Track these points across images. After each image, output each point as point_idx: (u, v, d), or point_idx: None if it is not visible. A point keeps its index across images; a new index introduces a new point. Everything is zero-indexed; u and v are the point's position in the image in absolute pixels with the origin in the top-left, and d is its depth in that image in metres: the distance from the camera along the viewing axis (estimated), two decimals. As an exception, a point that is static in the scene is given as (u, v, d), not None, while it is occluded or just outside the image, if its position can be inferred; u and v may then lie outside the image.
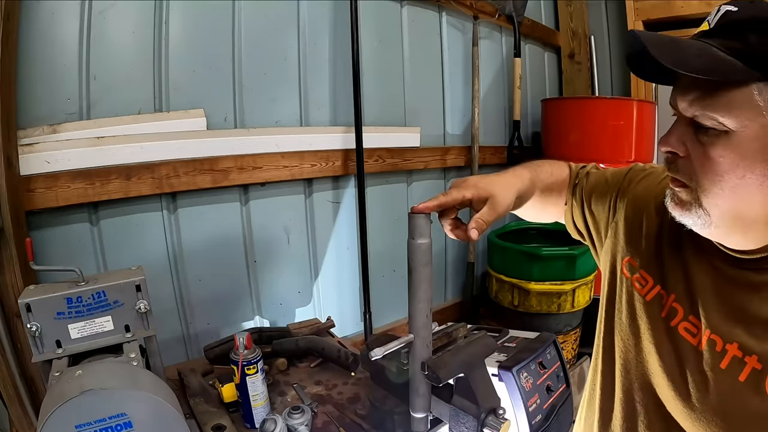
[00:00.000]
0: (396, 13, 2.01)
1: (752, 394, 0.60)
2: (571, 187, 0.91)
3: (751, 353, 0.60)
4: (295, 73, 1.69)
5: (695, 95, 0.58)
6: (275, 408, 1.15)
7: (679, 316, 0.69)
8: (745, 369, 0.61)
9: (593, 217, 0.88)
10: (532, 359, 1.47)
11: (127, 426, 0.72)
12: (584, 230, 0.91)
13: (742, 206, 0.58)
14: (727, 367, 0.63)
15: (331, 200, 1.87)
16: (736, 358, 0.62)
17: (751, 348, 0.60)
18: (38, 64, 1.20)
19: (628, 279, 0.77)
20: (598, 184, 0.87)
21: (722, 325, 0.64)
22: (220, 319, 1.61)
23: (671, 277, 0.71)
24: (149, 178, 1.36)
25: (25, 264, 1.09)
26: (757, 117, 0.54)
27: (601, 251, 0.87)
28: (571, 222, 0.93)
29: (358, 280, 1.97)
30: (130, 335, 0.96)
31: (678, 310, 0.69)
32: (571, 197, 0.91)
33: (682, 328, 0.68)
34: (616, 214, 0.82)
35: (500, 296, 2.22)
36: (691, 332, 0.67)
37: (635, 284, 0.76)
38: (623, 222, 0.81)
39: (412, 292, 0.66)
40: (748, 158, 0.55)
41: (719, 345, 0.63)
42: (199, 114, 1.47)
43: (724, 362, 0.63)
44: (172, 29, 1.40)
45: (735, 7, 0.56)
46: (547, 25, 2.86)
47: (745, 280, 0.62)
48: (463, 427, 0.67)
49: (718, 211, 0.59)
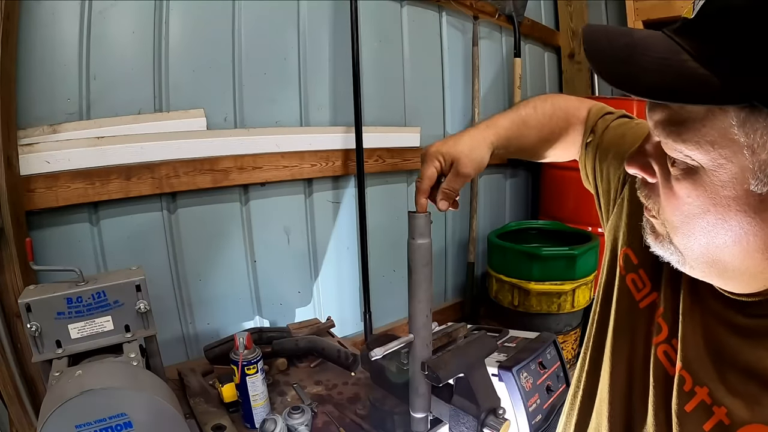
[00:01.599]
0: (396, 13, 2.01)
1: None
2: (584, 143, 0.75)
3: (720, 404, 0.50)
4: (295, 73, 1.69)
5: (660, 116, 0.45)
6: (275, 408, 1.15)
7: (662, 335, 0.58)
8: (712, 419, 0.51)
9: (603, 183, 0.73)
10: (532, 359, 1.47)
11: (127, 426, 0.72)
12: (594, 192, 0.78)
13: (717, 253, 0.46)
14: (692, 411, 0.53)
15: (331, 200, 1.87)
16: (704, 404, 0.52)
17: (720, 398, 0.50)
18: (38, 64, 1.21)
19: (622, 275, 0.66)
20: (613, 145, 0.70)
21: (696, 362, 0.53)
22: (220, 319, 1.61)
23: (666, 287, 0.59)
24: (149, 178, 1.36)
25: (25, 264, 1.09)
26: (736, 155, 0.40)
27: (606, 225, 0.73)
28: (585, 178, 0.79)
29: (358, 280, 1.97)
30: (130, 335, 0.96)
31: (662, 329, 0.58)
32: (584, 153, 0.76)
33: (661, 351, 0.58)
34: (624, 189, 0.68)
35: (500, 296, 2.22)
36: (670, 359, 0.57)
37: (630, 284, 0.64)
38: (628, 202, 0.66)
39: (412, 292, 0.66)
40: (721, 206, 0.43)
41: (688, 384, 0.53)
42: (199, 114, 1.47)
43: (691, 405, 0.53)
44: (172, 29, 1.40)
45: None
46: (547, 25, 2.86)
47: (730, 320, 0.51)
48: (463, 427, 0.67)
49: (691, 253, 0.48)
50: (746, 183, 0.41)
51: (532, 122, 0.72)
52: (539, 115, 0.73)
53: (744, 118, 0.39)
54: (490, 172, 2.57)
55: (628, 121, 0.73)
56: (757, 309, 0.48)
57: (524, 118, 0.72)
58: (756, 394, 0.48)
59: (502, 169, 2.66)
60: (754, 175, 0.40)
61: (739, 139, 0.39)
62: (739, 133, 0.39)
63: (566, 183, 2.40)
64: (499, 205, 2.71)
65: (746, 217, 0.42)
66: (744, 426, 0.48)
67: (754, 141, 0.39)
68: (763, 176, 0.40)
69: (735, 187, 0.42)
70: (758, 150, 0.39)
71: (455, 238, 2.45)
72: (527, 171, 2.83)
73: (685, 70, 0.40)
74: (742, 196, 0.42)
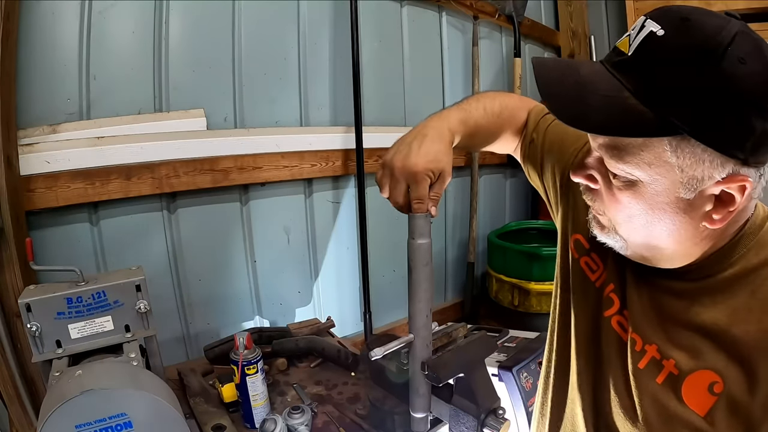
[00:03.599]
0: (396, 13, 2.01)
1: (669, 397, 0.58)
2: (527, 142, 0.82)
3: (669, 357, 0.59)
4: (295, 73, 1.69)
5: (604, 141, 0.54)
6: (275, 408, 1.15)
7: (614, 308, 0.67)
8: (663, 372, 0.59)
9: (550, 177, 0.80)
10: (532, 359, 1.47)
11: (127, 426, 0.72)
12: (541, 186, 0.84)
13: (655, 242, 0.56)
14: (645, 367, 0.61)
15: (331, 200, 1.87)
16: (655, 360, 0.60)
17: (668, 352, 0.59)
18: (38, 64, 1.21)
19: (576, 259, 0.74)
20: (556, 143, 0.78)
21: (644, 324, 0.62)
22: (220, 319, 1.61)
23: (614, 267, 0.68)
24: (149, 178, 1.36)
25: (25, 264, 1.09)
26: (668, 173, 0.50)
27: (557, 216, 0.81)
28: (529, 173, 0.86)
29: (358, 280, 1.97)
30: (130, 335, 0.96)
31: (614, 302, 0.67)
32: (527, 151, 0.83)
33: (615, 322, 0.66)
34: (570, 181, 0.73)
35: (500, 296, 2.22)
36: (623, 327, 0.65)
37: (584, 266, 0.72)
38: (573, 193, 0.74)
39: (412, 292, 0.66)
40: (657, 209, 0.53)
41: (639, 344, 0.62)
42: (199, 114, 1.47)
43: (643, 362, 0.61)
44: (172, 29, 1.40)
45: (662, 29, 0.47)
46: (547, 25, 2.86)
47: (667, 285, 0.61)
48: (463, 427, 0.67)
49: (633, 242, 0.59)
50: (677, 192, 0.51)
51: (482, 122, 0.76)
52: (489, 114, 0.77)
53: (675, 144, 0.48)
54: (490, 172, 2.57)
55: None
56: (689, 275, 0.58)
57: (476, 119, 0.75)
58: (697, 345, 0.57)
59: (502, 169, 2.65)
60: (683, 186, 0.50)
61: (671, 160, 0.49)
62: (671, 156, 0.49)
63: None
64: (499, 205, 2.71)
65: (677, 216, 0.53)
66: (691, 373, 0.57)
67: (684, 162, 0.49)
68: (690, 186, 0.50)
69: (668, 195, 0.51)
70: (686, 168, 0.49)
71: (455, 238, 2.44)
72: (527, 171, 2.82)
73: (627, 107, 0.48)
74: (673, 201, 0.52)
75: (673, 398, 0.58)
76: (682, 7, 0.48)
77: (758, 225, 0.56)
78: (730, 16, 0.47)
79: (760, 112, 0.45)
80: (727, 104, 0.45)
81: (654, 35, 0.47)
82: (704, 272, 0.57)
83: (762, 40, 0.47)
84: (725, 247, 0.56)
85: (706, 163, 0.48)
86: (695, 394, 0.56)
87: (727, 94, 0.45)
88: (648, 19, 0.49)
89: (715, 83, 0.45)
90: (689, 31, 0.46)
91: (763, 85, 0.45)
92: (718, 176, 0.49)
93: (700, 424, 0.56)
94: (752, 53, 0.45)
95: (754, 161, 0.48)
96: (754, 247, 0.55)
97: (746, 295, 0.54)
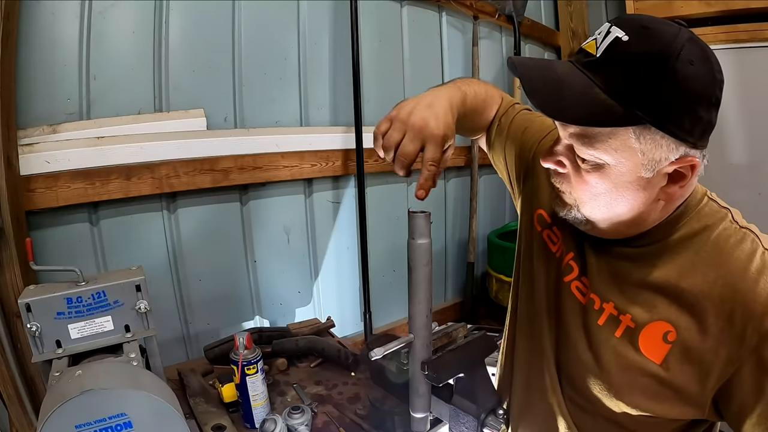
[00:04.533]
0: (396, 13, 2.01)
1: (627, 349, 0.66)
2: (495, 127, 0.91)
3: (625, 312, 0.66)
4: (295, 73, 1.69)
5: (575, 130, 0.61)
6: (275, 408, 1.15)
7: (573, 274, 0.74)
8: (620, 327, 0.67)
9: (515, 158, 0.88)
10: (532, 359, 1.47)
11: (127, 426, 0.72)
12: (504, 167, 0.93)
13: (616, 216, 0.64)
14: (604, 324, 0.68)
15: (331, 200, 1.87)
16: (612, 316, 0.68)
17: (624, 307, 0.67)
18: (38, 63, 1.21)
19: (539, 232, 0.81)
20: (521, 129, 0.88)
21: (601, 285, 0.70)
22: (220, 319, 1.61)
23: (569, 236, 0.76)
24: (149, 178, 1.36)
25: (25, 264, 1.09)
26: (632, 157, 0.58)
27: (519, 196, 0.90)
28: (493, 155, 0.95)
29: (358, 280, 1.97)
30: (130, 335, 0.96)
31: (573, 269, 0.74)
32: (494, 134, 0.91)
33: (574, 287, 0.74)
34: (534, 162, 0.84)
35: (500, 296, 2.22)
36: (582, 291, 0.73)
37: (546, 239, 0.80)
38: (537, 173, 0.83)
39: (412, 292, 0.66)
40: (620, 187, 0.61)
41: (597, 303, 0.70)
42: (199, 114, 1.47)
43: (602, 319, 0.69)
44: (172, 29, 1.40)
45: (626, 35, 0.56)
46: (547, 25, 2.86)
47: (621, 252, 0.69)
48: (463, 427, 0.67)
49: (595, 218, 0.66)
50: (639, 173, 0.59)
51: (470, 103, 0.81)
52: (478, 99, 0.84)
53: (639, 132, 0.57)
54: (490, 172, 2.57)
55: (531, 112, 0.92)
56: (640, 240, 0.67)
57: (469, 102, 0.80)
58: (651, 300, 0.65)
59: (502, 169, 2.66)
60: (644, 167, 0.59)
61: (635, 146, 0.57)
62: (635, 143, 0.57)
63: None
64: (499, 205, 2.71)
65: (638, 193, 0.61)
66: (646, 325, 0.64)
67: (645, 147, 0.57)
68: (650, 167, 0.59)
69: (631, 175, 0.60)
70: (647, 152, 0.58)
71: (455, 238, 2.45)
72: (527, 171, 2.82)
73: (600, 101, 0.56)
74: (635, 180, 0.60)
75: (631, 349, 0.65)
76: (642, 17, 0.58)
77: (698, 199, 0.66)
78: (680, 25, 0.57)
79: (706, 105, 0.56)
80: (680, 98, 0.55)
81: (620, 40, 0.56)
82: (654, 237, 0.66)
83: (706, 45, 0.57)
84: (671, 217, 0.65)
85: (663, 147, 0.57)
86: (651, 344, 0.64)
87: (681, 90, 0.54)
88: (613, 26, 0.57)
89: (671, 81, 0.54)
90: (650, 38, 0.55)
91: (707, 83, 0.56)
92: (673, 157, 0.58)
93: (657, 371, 0.63)
94: (699, 57, 0.55)
95: (701, 144, 0.58)
96: (695, 216, 0.65)
97: (691, 254, 0.63)
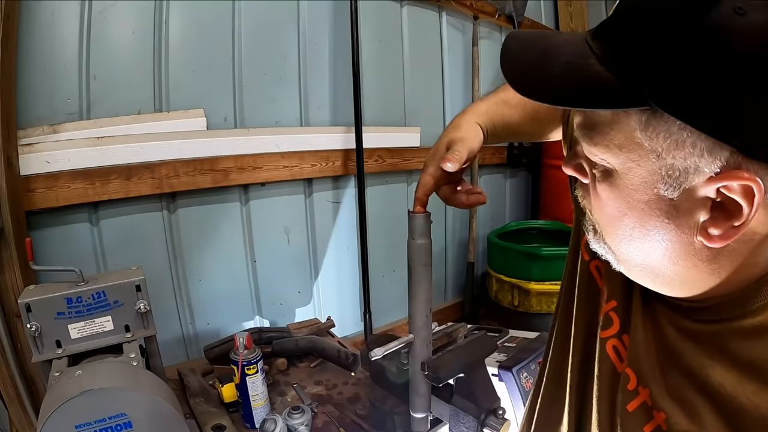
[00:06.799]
0: (396, 13, 2.01)
1: None
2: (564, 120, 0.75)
3: (660, 409, 0.48)
4: (295, 73, 1.69)
5: (579, 119, 0.44)
6: (275, 408, 1.15)
7: (612, 329, 0.56)
8: (652, 423, 0.48)
9: None
10: (532, 359, 1.47)
11: (127, 426, 0.72)
12: None
13: (644, 257, 0.45)
14: (633, 412, 0.50)
15: (331, 200, 1.87)
16: (645, 405, 0.49)
17: (660, 402, 0.48)
18: (38, 64, 1.20)
19: (585, 261, 0.63)
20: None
21: (642, 361, 0.51)
22: (220, 319, 1.61)
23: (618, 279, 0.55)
24: (149, 178, 1.36)
25: (25, 264, 1.09)
26: (643, 159, 0.39)
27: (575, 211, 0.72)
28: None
29: (358, 280, 1.97)
30: (130, 335, 0.96)
31: (613, 322, 0.56)
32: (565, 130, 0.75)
33: (611, 346, 0.55)
34: None
35: (500, 296, 2.22)
36: (619, 355, 0.54)
37: (594, 271, 0.61)
38: None
39: (412, 292, 0.66)
40: (636, 209, 0.42)
41: (632, 383, 0.51)
42: (199, 114, 1.47)
43: (633, 405, 0.51)
44: (172, 29, 1.40)
45: None
46: (547, 25, 2.85)
47: (677, 322, 0.49)
48: (463, 427, 0.67)
49: (622, 255, 0.47)
50: (656, 187, 0.40)
51: (512, 102, 0.71)
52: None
53: (645, 121, 0.37)
54: (490, 172, 2.57)
55: None
56: (701, 314, 0.46)
57: (504, 99, 0.71)
58: (695, 404, 0.45)
59: (502, 169, 2.65)
60: (662, 179, 0.39)
61: (643, 141, 0.38)
62: (642, 137, 0.38)
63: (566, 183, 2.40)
64: (499, 205, 2.71)
65: (661, 223, 0.41)
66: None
67: (658, 145, 0.38)
68: (672, 180, 0.38)
69: (646, 191, 0.41)
70: (663, 154, 0.38)
71: (455, 238, 2.44)
72: (527, 171, 2.82)
73: (590, 74, 0.39)
74: (654, 200, 0.40)
75: None
76: None
77: None
78: None
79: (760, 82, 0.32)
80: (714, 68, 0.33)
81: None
82: (720, 313, 0.44)
83: None
84: (748, 285, 0.41)
85: (686, 147, 0.36)
86: None
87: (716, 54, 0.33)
88: None
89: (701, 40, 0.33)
90: None
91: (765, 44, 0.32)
92: (708, 169, 0.36)
93: None
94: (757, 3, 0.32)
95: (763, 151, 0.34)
96: None
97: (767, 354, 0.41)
